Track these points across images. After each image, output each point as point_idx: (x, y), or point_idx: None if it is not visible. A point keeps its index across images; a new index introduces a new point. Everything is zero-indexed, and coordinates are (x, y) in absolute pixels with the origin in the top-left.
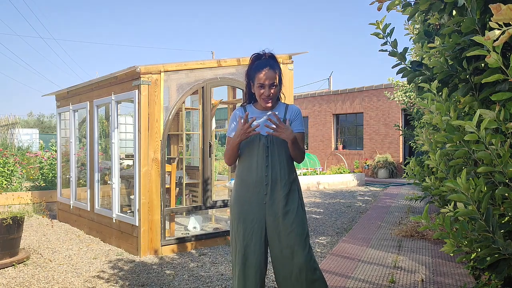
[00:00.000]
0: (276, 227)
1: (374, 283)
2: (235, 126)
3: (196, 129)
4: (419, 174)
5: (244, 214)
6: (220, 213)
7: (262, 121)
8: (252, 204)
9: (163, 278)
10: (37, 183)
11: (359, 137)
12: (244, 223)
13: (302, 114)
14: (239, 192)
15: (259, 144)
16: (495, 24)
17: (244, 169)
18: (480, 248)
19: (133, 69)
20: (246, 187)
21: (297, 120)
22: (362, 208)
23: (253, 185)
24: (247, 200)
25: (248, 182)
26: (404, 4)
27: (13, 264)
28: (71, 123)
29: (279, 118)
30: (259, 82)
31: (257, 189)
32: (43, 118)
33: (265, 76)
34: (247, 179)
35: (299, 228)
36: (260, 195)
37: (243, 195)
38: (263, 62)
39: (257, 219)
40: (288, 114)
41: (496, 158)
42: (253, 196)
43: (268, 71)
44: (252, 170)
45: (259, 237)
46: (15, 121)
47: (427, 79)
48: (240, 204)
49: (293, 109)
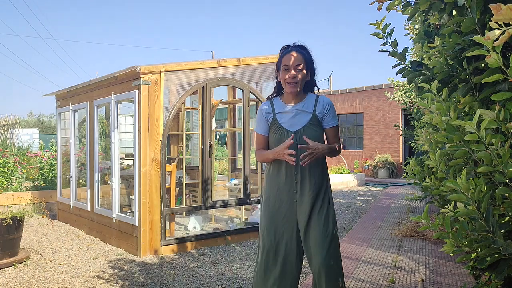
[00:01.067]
0: (307, 225)
1: (374, 283)
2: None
3: (196, 129)
4: (419, 174)
5: (275, 214)
6: (220, 213)
7: (290, 116)
8: (283, 202)
9: (163, 278)
10: (37, 183)
11: (359, 137)
12: (275, 223)
13: None
14: (270, 191)
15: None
16: (495, 24)
17: (275, 168)
18: (480, 248)
19: (133, 69)
20: (277, 186)
21: (329, 114)
22: (362, 208)
23: (283, 184)
24: (278, 199)
25: (278, 181)
26: (404, 4)
27: (13, 264)
28: (71, 123)
29: (307, 145)
30: (284, 64)
31: (287, 187)
32: (43, 118)
33: (290, 58)
34: (277, 178)
35: (325, 227)
36: (290, 194)
37: (274, 195)
38: (291, 48)
39: (288, 218)
40: (318, 108)
41: (496, 158)
42: (283, 195)
43: (295, 53)
44: (282, 168)
45: (290, 236)
46: (15, 121)
47: (427, 79)
48: (271, 203)
49: (324, 101)
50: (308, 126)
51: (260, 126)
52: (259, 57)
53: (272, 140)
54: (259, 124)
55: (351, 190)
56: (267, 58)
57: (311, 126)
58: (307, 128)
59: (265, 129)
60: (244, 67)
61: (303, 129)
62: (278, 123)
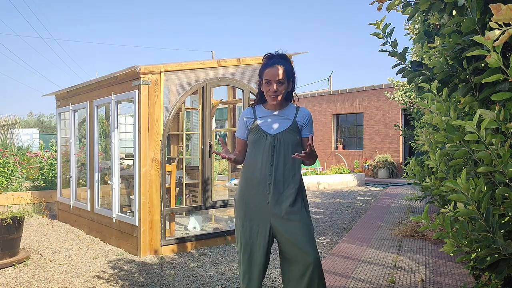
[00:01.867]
0: (281, 228)
1: (374, 283)
2: (242, 128)
3: (196, 129)
4: (419, 174)
5: (249, 213)
6: (220, 213)
7: (271, 121)
8: (256, 203)
9: (163, 278)
10: (37, 183)
11: (359, 137)
12: (249, 221)
13: None
14: (244, 191)
15: (266, 142)
16: (495, 24)
17: (249, 167)
18: (480, 248)
19: (133, 69)
20: (251, 186)
21: (308, 125)
22: (362, 208)
23: (257, 183)
24: (251, 198)
25: (252, 181)
26: (404, 4)
27: (13, 264)
28: (71, 123)
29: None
30: (266, 78)
31: (261, 187)
32: (43, 118)
33: (272, 73)
34: (251, 177)
35: (304, 229)
36: (263, 194)
37: (247, 193)
38: (272, 60)
39: (261, 219)
40: (299, 116)
41: (496, 158)
42: (256, 195)
43: (276, 68)
44: (257, 168)
45: (263, 237)
46: (15, 121)
47: (427, 79)
48: (244, 202)
49: (304, 112)
50: (287, 131)
51: (239, 130)
52: (259, 57)
53: (250, 141)
54: (238, 128)
55: (351, 190)
56: None
57: (290, 131)
58: (286, 132)
59: (244, 133)
60: (244, 67)
61: (282, 133)
62: (258, 126)
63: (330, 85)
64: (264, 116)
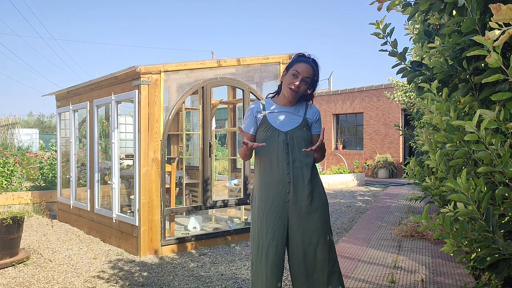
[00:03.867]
0: (300, 225)
1: (374, 283)
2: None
3: (196, 129)
4: (419, 174)
5: (267, 214)
6: (220, 213)
7: (281, 116)
8: (275, 202)
9: (163, 278)
10: (37, 183)
11: (359, 137)
12: (267, 222)
13: None
14: (262, 191)
15: (278, 141)
16: (495, 24)
17: (266, 167)
18: (480, 248)
19: (133, 69)
20: (269, 186)
21: (318, 122)
22: (362, 208)
23: (275, 183)
24: (270, 199)
25: (270, 181)
26: (404, 4)
27: (13, 264)
28: (71, 123)
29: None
30: (295, 70)
31: (280, 187)
32: (43, 118)
33: (303, 68)
34: (269, 177)
35: (323, 226)
36: (282, 194)
37: (266, 194)
38: (307, 59)
39: (280, 218)
40: (309, 113)
41: (496, 158)
42: (275, 194)
43: (309, 65)
44: (273, 168)
45: (281, 236)
46: (15, 121)
47: (427, 79)
48: (263, 204)
49: (314, 110)
50: (299, 127)
51: (246, 124)
52: (259, 57)
53: (261, 139)
54: (245, 122)
55: (351, 190)
56: (267, 58)
57: (302, 128)
58: (298, 129)
59: (251, 127)
60: (244, 67)
61: (294, 130)
62: (268, 123)
63: (330, 85)
64: (273, 111)
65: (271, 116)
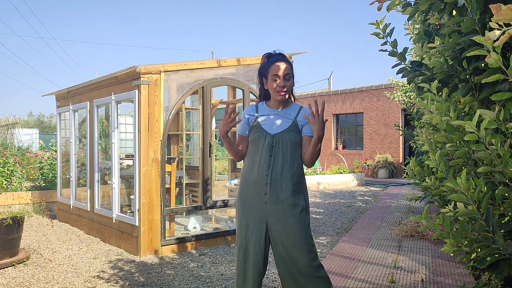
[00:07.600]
0: (278, 228)
1: (374, 283)
2: (243, 124)
3: (196, 129)
4: (419, 174)
5: (247, 212)
6: (220, 213)
7: (273, 119)
8: (253, 202)
9: (163, 278)
10: (37, 183)
11: (359, 137)
12: (246, 220)
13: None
14: (242, 190)
15: (264, 142)
16: (495, 24)
17: (248, 167)
18: (480, 248)
19: (133, 69)
20: (248, 185)
21: (308, 124)
22: (362, 208)
23: (254, 183)
24: (249, 198)
25: (250, 180)
26: (404, 4)
27: (13, 264)
28: (71, 123)
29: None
30: (274, 73)
31: (257, 187)
32: (43, 118)
33: (278, 68)
34: (249, 177)
35: (301, 231)
36: (260, 194)
37: (246, 192)
38: (276, 56)
39: (258, 218)
40: (299, 116)
41: (496, 158)
42: (254, 194)
43: (281, 63)
44: (254, 168)
45: (259, 236)
46: (15, 121)
47: (427, 79)
48: (243, 201)
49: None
50: (287, 131)
51: (241, 127)
52: (259, 57)
53: (250, 139)
54: (240, 125)
55: (351, 190)
56: None
57: (290, 132)
58: (287, 132)
59: (245, 130)
60: (244, 67)
61: (282, 133)
62: (259, 124)
63: (330, 85)
64: (266, 114)
65: (263, 119)
